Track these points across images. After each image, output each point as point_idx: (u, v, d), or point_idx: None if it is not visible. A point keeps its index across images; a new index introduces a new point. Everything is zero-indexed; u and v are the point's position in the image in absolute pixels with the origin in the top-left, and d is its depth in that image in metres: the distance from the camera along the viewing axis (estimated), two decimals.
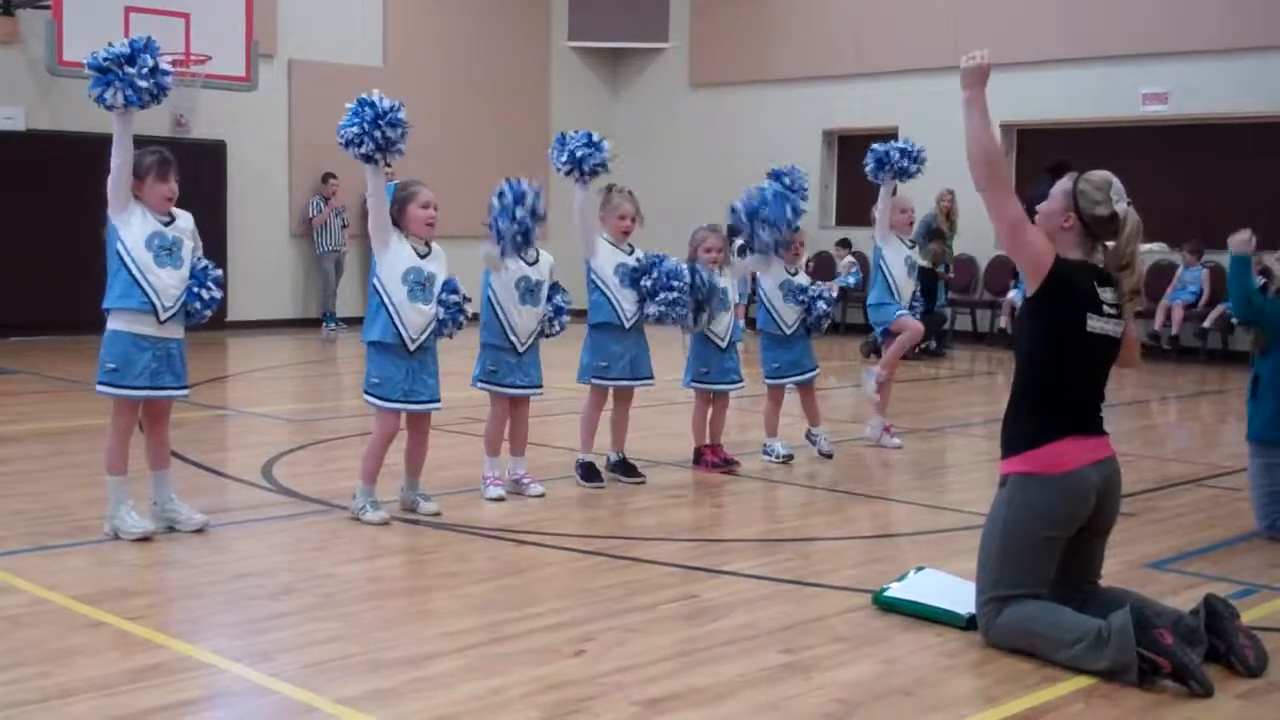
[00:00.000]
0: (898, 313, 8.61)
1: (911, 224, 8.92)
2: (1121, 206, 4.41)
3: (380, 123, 5.95)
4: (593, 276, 7.07)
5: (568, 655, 4.37)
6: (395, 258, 6.15)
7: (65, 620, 4.67)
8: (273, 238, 16.68)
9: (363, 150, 5.98)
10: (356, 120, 5.98)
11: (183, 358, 5.91)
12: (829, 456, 8.10)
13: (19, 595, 4.95)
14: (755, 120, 18.86)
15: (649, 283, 7.04)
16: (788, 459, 7.93)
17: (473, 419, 7.10)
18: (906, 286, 8.64)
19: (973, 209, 16.07)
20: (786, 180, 7.68)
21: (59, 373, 11.76)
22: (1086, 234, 4.46)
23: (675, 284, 7.07)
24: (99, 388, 5.79)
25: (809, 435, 8.16)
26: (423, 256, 6.22)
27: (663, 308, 7.07)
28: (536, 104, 19.56)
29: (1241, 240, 6.17)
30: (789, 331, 7.98)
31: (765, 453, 7.99)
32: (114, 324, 5.77)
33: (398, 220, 6.21)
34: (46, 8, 13.82)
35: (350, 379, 12.32)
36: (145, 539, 5.72)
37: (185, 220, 5.89)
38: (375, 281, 6.18)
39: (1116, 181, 4.46)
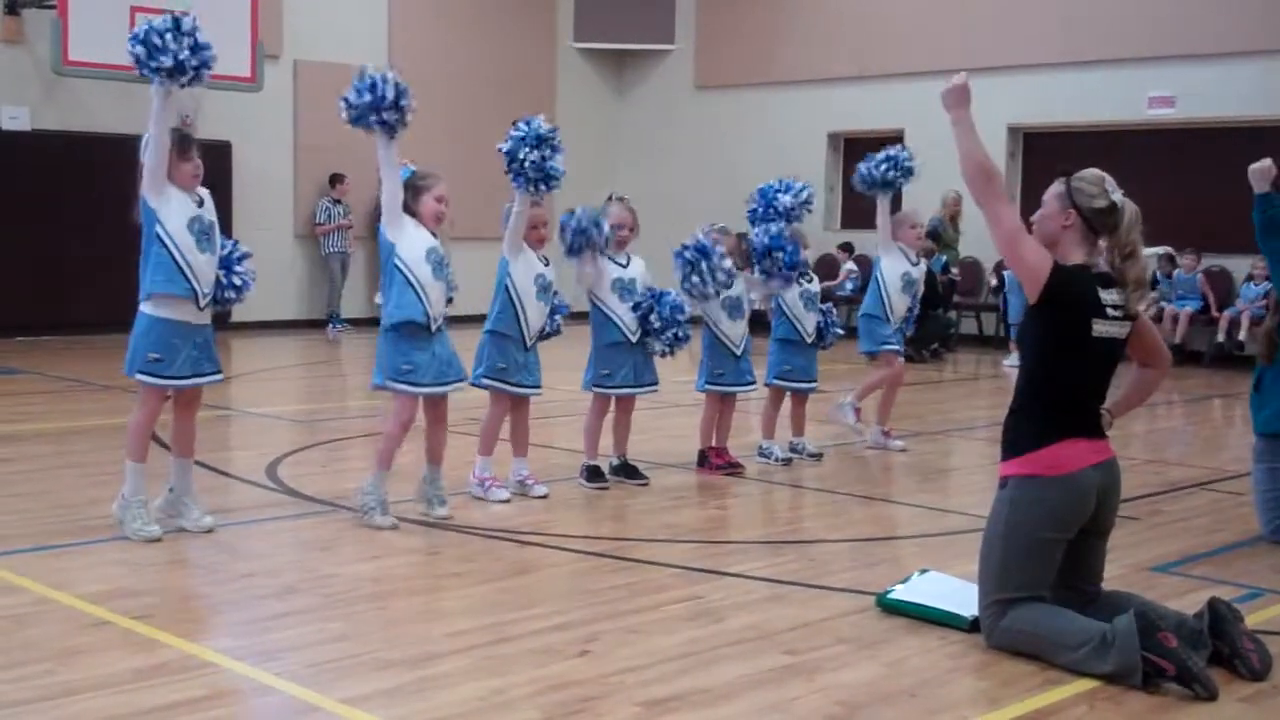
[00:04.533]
0: (883, 346, 8.54)
1: (920, 239, 8.76)
2: (1119, 196, 4.43)
3: (382, 110, 5.94)
4: (592, 299, 7.08)
5: (571, 656, 4.37)
6: (413, 238, 6.08)
7: (70, 619, 4.67)
8: (278, 238, 16.69)
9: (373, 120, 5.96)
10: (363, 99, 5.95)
11: (214, 342, 5.95)
12: (819, 457, 8.13)
13: (24, 594, 4.96)
14: (760, 122, 18.86)
15: (656, 321, 7.02)
16: (786, 461, 7.94)
17: (477, 419, 7.10)
18: (900, 302, 8.49)
19: (978, 213, 16.08)
20: (788, 198, 7.74)
21: (63, 373, 11.77)
22: (1087, 229, 4.46)
23: (680, 318, 7.06)
24: (139, 376, 5.73)
25: (793, 446, 8.15)
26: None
27: (669, 343, 7.07)
28: (541, 105, 19.41)
29: (1263, 170, 6.10)
30: (810, 340, 8.00)
31: (761, 454, 7.99)
32: (153, 310, 5.71)
33: (411, 206, 6.19)
34: (52, 7, 13.86)
35: (356, 379, 12.34)
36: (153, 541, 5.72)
37: (210, 201, 5.89)
38: (397, 262, 6.04)
39: (1109, 177, 4.48)
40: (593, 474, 7.17)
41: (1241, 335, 14.35)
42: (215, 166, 15.41)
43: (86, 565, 5.40)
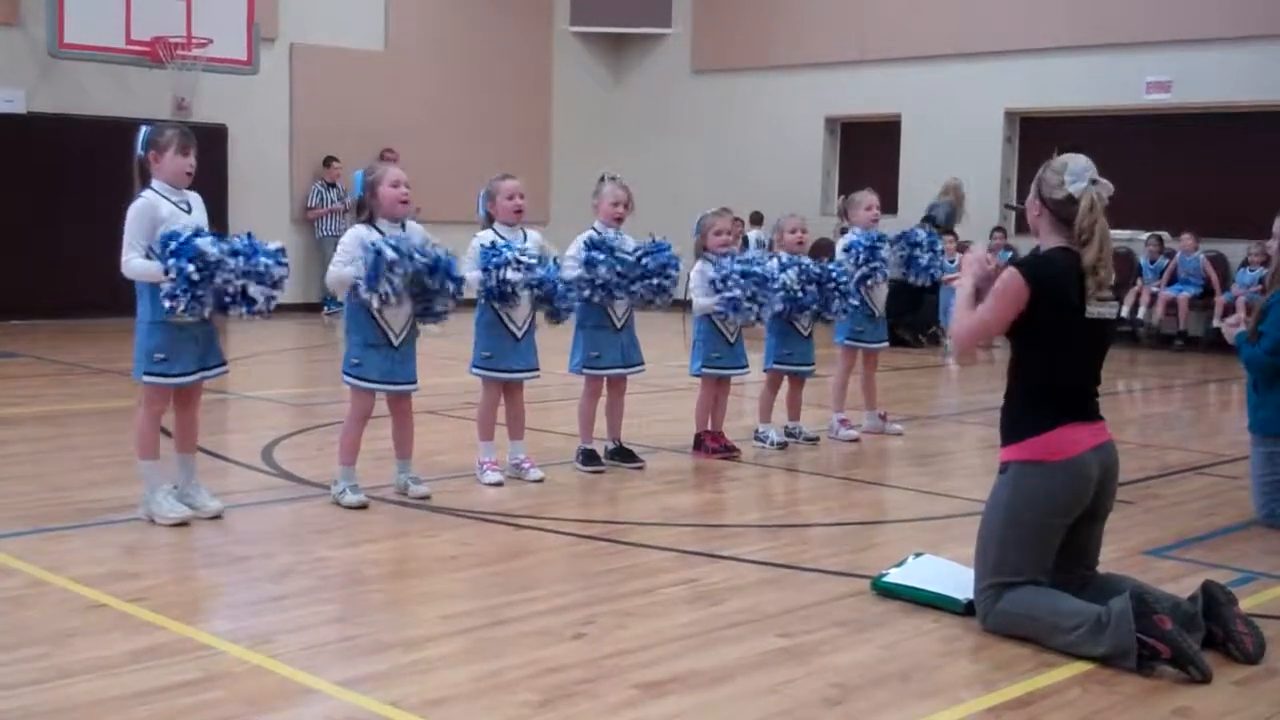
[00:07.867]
0: (844, 339, 8.48)
1: (876, 220, 8.55)
2: (1078, 187, 4.41)
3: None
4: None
5: (567, 638, 4.38)
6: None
7: (66, 602, 4.68)
8: (273, 222, 16.58)
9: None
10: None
11: (216, 336, 5.97)
12: (815, 440, 8.15)
13: (19, 577, 4.96)
14: (758, 107, 18.83)
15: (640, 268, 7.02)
16: (782, 445, 7.94)
17: (473, 404, 7.11)
18: (875, 287, 8.46)
19: (976, 197, 16.08)
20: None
21: (60, 356, 11.75)
22: (1055, 218, 4.49)
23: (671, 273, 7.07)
24: (147, 378, 5.73)
25: (789, 430, 8.15)
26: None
27: (650, 293, 7.06)
28: (538, 89, 19.54)
29: (1229, 325, 6.55)
30: (805, 332, 8.00)
31: (758, 439, 8.00)
32: (155, 316, 5.70)
33: (371, 204, 6.20)
34: None
35: None
36: (181, 524, 5.70)
37: (199, 206, 5.86)
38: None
39: (1077, 163, 4.46)
40: (588, 457, 7.17)
41: (1216, 322, 14.27)
42: (211, 150, 15.56)
43: (82, 548, 5.40)
